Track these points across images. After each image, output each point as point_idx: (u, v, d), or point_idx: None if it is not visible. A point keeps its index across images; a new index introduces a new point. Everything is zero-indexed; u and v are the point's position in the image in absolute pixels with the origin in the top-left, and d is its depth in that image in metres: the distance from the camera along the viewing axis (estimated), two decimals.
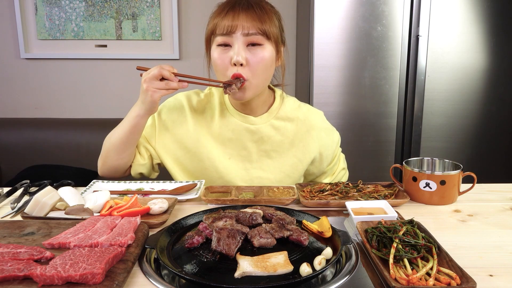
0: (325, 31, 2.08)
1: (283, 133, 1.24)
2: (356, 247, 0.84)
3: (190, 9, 2.68)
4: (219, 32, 1.07)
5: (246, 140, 1.22)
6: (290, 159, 1.25)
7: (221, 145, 1.23)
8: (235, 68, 1.08)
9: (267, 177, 1.25)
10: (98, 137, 2.50)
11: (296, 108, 1.28)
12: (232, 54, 1.07)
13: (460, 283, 0.68)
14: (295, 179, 1.29)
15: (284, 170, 1.26)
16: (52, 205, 0.99)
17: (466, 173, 1.14)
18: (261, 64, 1.09)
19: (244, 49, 1.07)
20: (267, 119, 1.23)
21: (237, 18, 1.06)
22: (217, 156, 1.23)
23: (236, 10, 1.07)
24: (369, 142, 2.21)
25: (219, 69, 1.11)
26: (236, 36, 1.06)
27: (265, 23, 1.07)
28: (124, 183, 1.24)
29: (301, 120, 1.26)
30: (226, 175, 1.23)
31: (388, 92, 2.15)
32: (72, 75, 2.72)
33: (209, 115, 1.24)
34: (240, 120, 1.22)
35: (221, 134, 1.22)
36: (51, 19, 2.61)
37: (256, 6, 1.08)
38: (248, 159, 1.24)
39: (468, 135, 2.23)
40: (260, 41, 1.08)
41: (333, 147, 1.33)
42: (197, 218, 0.95)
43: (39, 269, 0.67)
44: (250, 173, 1.24)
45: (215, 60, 1.11)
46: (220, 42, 1.09)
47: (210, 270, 0.74)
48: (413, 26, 2.09)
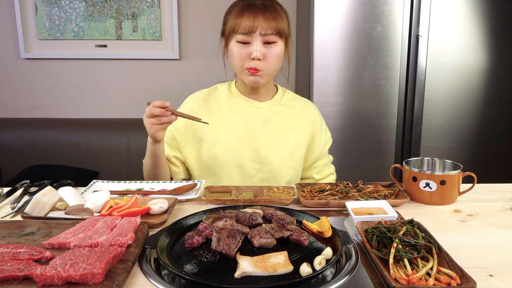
0: (325, 31, 2.08)
1: (285, 117, 1.40)
2: (356, 247, 0.84)
3: (190, 9, 2.68)
4: (240, 31, 1.25)
5: (254, 123, 1.37)
6: (292, 139, 1.39)
7: (231, 129, 1.36)
8: (252, 62, 1.26)
9: (273, 156, 1.36)
10: (98, 137, 2.54)
11: (295, 99, 1.46)
12: (252, 50, 1.25)
13: (460, 283, 0.68)
14: (298, 158, 1.40)
15: (288, 149, 1.38)
16: (52, 205, 0.99)
17: (466, 173, 1.14)
18: (274, 57, 1.28)
19: (261, 46, 1.26)
20: (272, 105, 1.40)
21: (257, 19, 1.24)
22: (228, 139, 1.35)
23: (255, 11, 1.24)
24: (369, 142, 2.21)
25: (237, 61, 1.29)
26: (255, 36, 1.24)
27: (278, 23, 1.25)
28: (124, 183, 1.24)
29: (300, 107, 1.44)
30: (237, 155, 1.35)
31: (388, 92, 2.15)
32: (72, 75, 2.72)
33: (216, 104, 1.40)
34: (247, 105, 1.39)
35: (231, 119, 1.37)
36: (51, 19, 2.61)
37: (270, 7, 1.26)
38: (256, 140, 1.36)
39: (468, 135, 2.23)
40: (274, 39, 1.26)
41: (322, 140, 1.45)
42: (197, 218, 0.95)
43: (39, 269, 0.67)
44: (258, 152, 1.35)
45: (234, 54, 1.29)
46: (240, 39, 1.26)
47: (210, 270, 0.74)
48: (413, 26, 2.09)
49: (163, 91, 2.74)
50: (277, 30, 1.25)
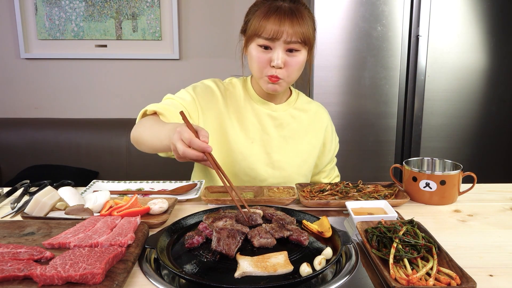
0: (325, 31, 2.08)
1: (299, 122, 1.36)
2: (356, 247, 0.84)
3: (190, 9, 2.68)
4: (264, 35, 1.16)
5: (268, 126, 1.32)
6: (306, 145, 1.36)
7: (245, 130, 1.31)
8: (273, 69, 1.19)
9: (286, 161, 1.33)
10: (98, 137, 2.53)
11: (308, 102, 1.42)
12: (273, 58, 1.17)
13: (460, 283, 0.68)
14: (310, 164, 1.38)
15: (300, 155, 1.35)
16: (52, 205, 0.99)
17: (466, 173, 1.14)
18: (296, 66, 1.21)
19: (283, 54, 1.18)
20: (286, 108, 1.35)
21: (283, 24, 1.14)
22: (241, 140, 1.30)
23: (281, 15, 1.15)
24: (369, 142, 2.21)
25: (256, 66, 1.22)
26: (279, 42, 1.16)
27: (304, 31, 1.17)
28: (124, 183, 1.24)
29: (313, 112, 1.40)
30: (249, 157, 1.30)
31: (388, 92, 2.15)
32: (72, 75, 2.72)
33: (234, 100, 1.33)
34: (263, 106, 1.33)
35: (246, 119, 1.31)
36: (51, 19, 2.61)
37: (297, 12, 1.17)
38: (269, 144, 1.32)
39: (468, 135, 2.23)
40: (298, 47, 1.18)
41: (333, 146, 1.44)
42: (197, 218, 0.95)
43: (39, 269, 0.67)
44: (271, 156, 1.32)
45: (254, 58, 1.21)
46: (261, 43, 1.18)
47: (210, 270, 0.74)
48: (413, 26, 2.09)
49: (163, 91, 2.72)
50: (302, 38, 1.16)
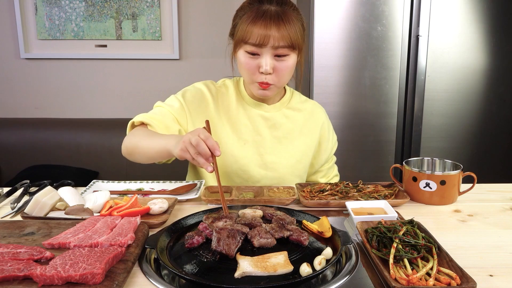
0: (325, 31, 2.08)
1: (293, 122, 1.34)
2: (356, 247, 0.84)
3: (190, 9, 2.68)
4: (251, 41, 1.14)
5: (261, 127, 1.31)
6: (300, 145, 1.34)
7: (237, 131, 1.30)
8: (262, 76, 1.18)
9: (280, 162, 1.31)
10: (98, 137, 2.53)
11: (303, 101, 1.39)
12: (262, 64, 1.16)
13: (460, 283, 0.68)
14: (305, 164, 1.36)
15: (294, 155, 1.33)
16: (52, 205, 0.99)
17: (466, 173, 1.14)
18: (286, 71, 1.20)
19: (272, 59, 1.16)
20: (280, 108, 1.33)
21: (269, 29, 1.12)
22: (233, 142, 1.29)
23: (267, 21, 1.12)
24: (369, 142, 2.21)
25: (246, 72, 1.21)
26: (267, 48, 1.14)
27: (292, 35, 1.14)
28: (124, 183, 1.24)
29: (308, 111, 1.37)
30: (241, 159, 1.29)
31: (388, 92, 2.15)
32: (72, 75, 2.72)
33: (226, 102, 1.32)
34: (255, 108, 1.31)
35: (238, 121, 1.30)
36: (51, 19, 2.61)
37: (284, 16, 1.14)
38: (262, 145, 1.30)
39: (468, 135, 2.23)
40: (286, 52, 1.16)
41: (330, 145, 1.41)
42: (197, 218, 0.95)
43: (39, 269, 0.67)
44: (263, 157, 1.30)
45: (243, 64, 1.20)
46: (249, 50, 1.16)
47: (210, 270, 0.74)
48: (413, 26, 2.09)
49: (163, 91, 2.73)
50: (290, 42, 1.14)
